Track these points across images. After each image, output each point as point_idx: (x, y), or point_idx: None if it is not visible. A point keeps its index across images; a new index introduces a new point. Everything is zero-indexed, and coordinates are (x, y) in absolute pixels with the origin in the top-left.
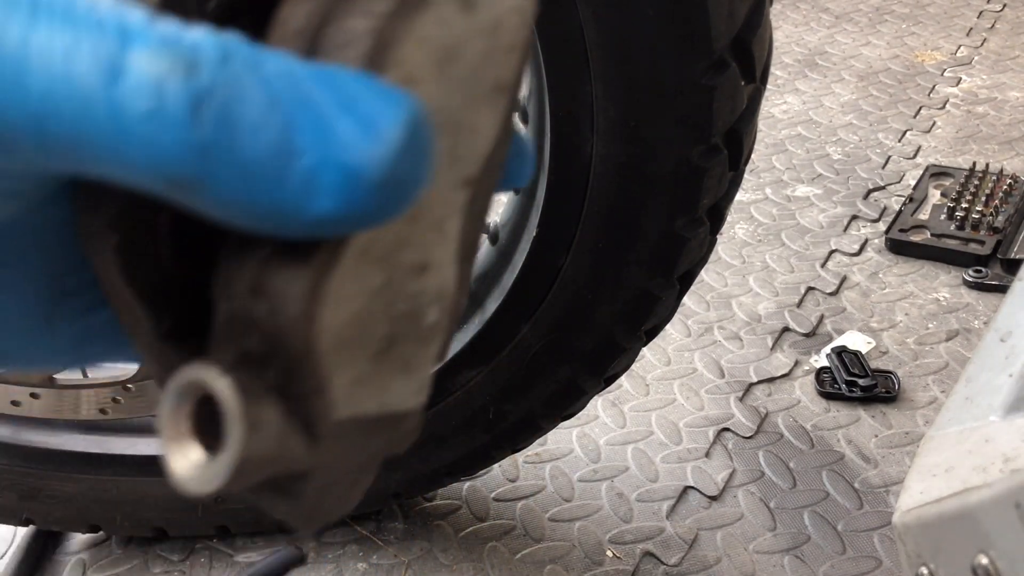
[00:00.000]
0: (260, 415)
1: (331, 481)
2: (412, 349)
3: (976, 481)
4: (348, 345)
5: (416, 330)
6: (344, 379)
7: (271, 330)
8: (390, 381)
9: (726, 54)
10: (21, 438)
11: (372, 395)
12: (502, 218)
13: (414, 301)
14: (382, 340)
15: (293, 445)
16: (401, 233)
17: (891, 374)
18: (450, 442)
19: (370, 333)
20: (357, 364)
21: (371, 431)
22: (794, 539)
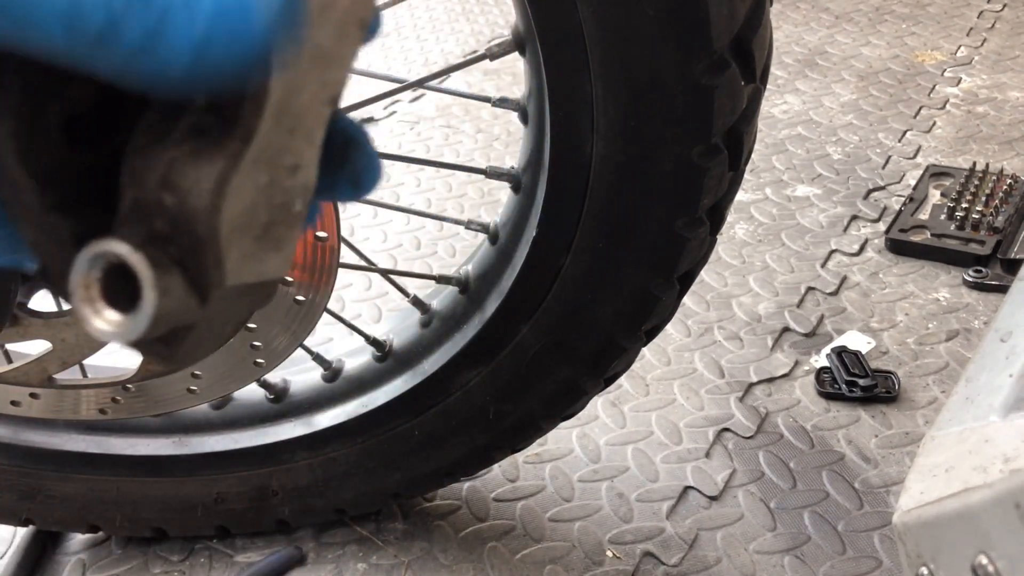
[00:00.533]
0: (168, 283)
1: (207, 333)
2: (283, 231)
3: (976, 481)
4: (239, 229)
5: (287, 216)
6: (234, 256)
7: (179, 217)
8: (266, 256)
9: (726, 54)
10: (21, 438)
11: (253, 268)
12: (502, 218)
13: (288, 194)
14: (263, 225)
15: (190, 306)
16: (284, 142)
17: (891, 374)
18: (450, 442)
19: (255, 220)
20: (244, 244)
21: (246, 295)
22: (794, 539)
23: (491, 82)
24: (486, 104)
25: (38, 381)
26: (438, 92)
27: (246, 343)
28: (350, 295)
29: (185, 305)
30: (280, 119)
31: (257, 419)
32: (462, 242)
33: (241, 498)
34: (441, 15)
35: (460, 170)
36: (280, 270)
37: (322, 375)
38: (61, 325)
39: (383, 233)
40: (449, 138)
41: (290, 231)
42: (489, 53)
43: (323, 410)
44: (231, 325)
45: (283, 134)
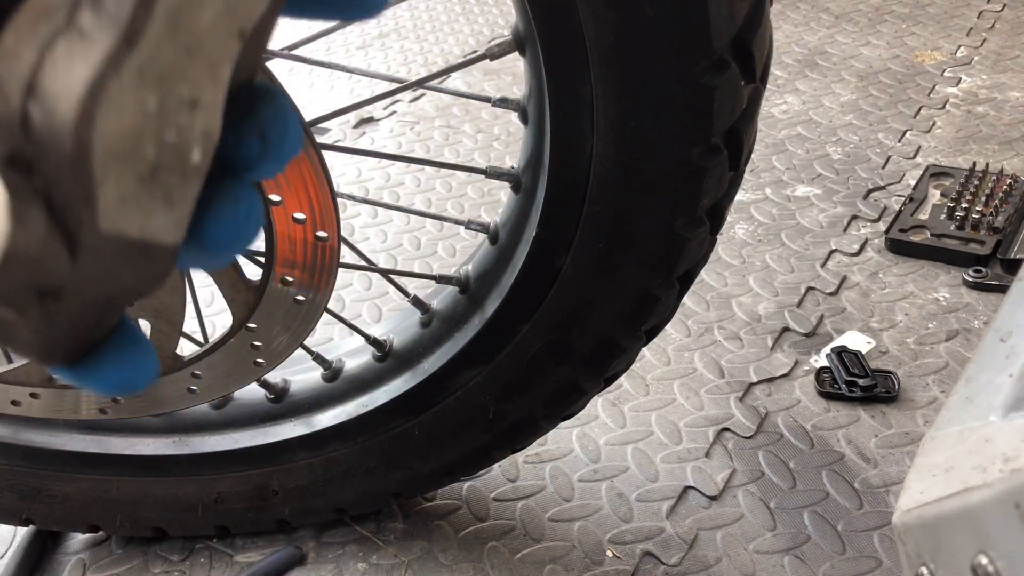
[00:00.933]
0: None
1: (82, 306)
2: (175, 183)
3: (976, 481)
4: (119, 159)
5: (181, 164)
6: (111, 193)
7: (45, 131)
8: (152, 208)
9: (726, 54)
10: (21, 438)
11: (135, 218)
12: (502, 218)
13: (182, 135)
14: (150, 164)
15: (56, 252)
16: (179, 63)
17: (891, 374)
18: (450, 442)
19: (140, 153)
20: (124, 181)
21: (128, 258)
22: (794, 539)
23: (491, 82)
24: (486, 104)
25: (38, 381)
26: (438, 92)
27: (246, 343)
28: (350, 295)
29: (49, 249)
30: (175, 30)
31: (257, 419)
32: (462, 242)
33: (241, 498)
34: (441, 15)
35: (460, 170)
36: (170, 234)
37: (322, 375)
38: None
39: (383, 233)
40: (449, 138)
41: (185, 185)
42: (489, 53)
43: (323, 410)
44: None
45: (179, 52)
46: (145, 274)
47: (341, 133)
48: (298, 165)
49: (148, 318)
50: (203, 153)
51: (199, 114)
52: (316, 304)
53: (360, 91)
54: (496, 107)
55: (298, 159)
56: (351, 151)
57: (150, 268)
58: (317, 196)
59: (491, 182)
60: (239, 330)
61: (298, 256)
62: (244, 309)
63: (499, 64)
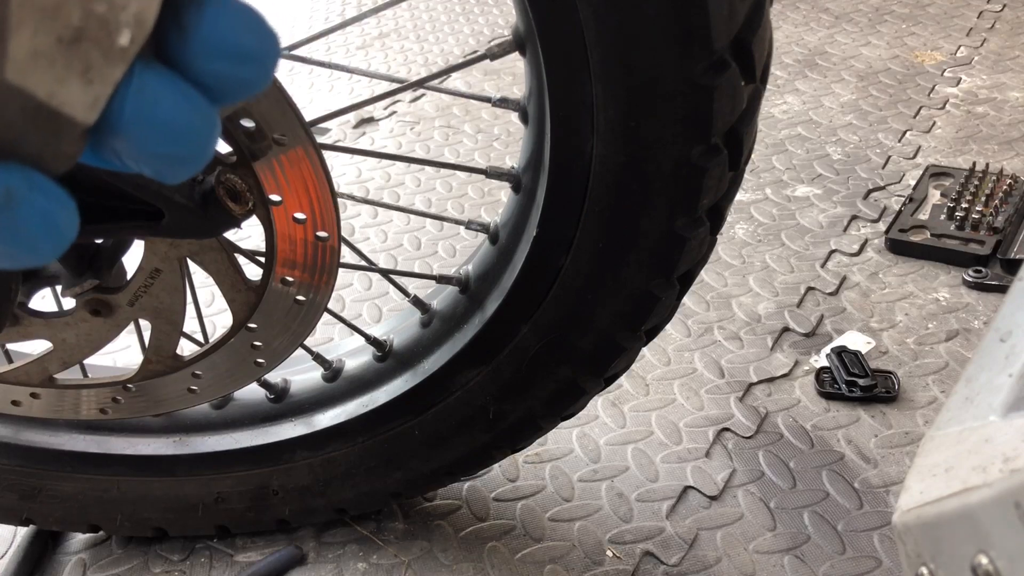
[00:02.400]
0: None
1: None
2: (97, 58)
3: (976, 481)
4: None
5: (106, 41)
6: (24, 42)
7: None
8: (67, 75)
9: (726, 54)
10: (22, 438)
11: (45, 79)
12: (502, 218)
13: (113, 11)
14: (72, 29)
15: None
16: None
17: (891, 374)
18: (450, 442)
19: (63, 13)
20: (41, 37)
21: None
22: (794, 539)
23: (491, 82)
24: (486, 104)
25: (39, 381)
26: (438, 92)
27: (247, 343)
28: (350, 295)
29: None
30: None
31: (257, 419)
32: (462, 242)
33: (241, 498)
34: (441, 15)
35: (460, 170)
36: (81, 111)
37: (322, 375)
38: (62, 325)
39: (383, 233)
40: (449, 138)
41: (107, 65)
42: (489, 53)
43: (323, 410)
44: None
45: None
46: (50, 146)
47: (341, 133)
48: (298, 165)
49: (148, 318)
50: (132, 37)
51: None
52: (316, 304)
53: (360, 91)
54: (496, 107)
55: (298, 159)
56: (351, 151)
57: (56, 142)
58: (317, 196)
59: (491, 182)
60: (239, 330)
61: (298, 256)
62: (244, 309)
63: (499, 64)
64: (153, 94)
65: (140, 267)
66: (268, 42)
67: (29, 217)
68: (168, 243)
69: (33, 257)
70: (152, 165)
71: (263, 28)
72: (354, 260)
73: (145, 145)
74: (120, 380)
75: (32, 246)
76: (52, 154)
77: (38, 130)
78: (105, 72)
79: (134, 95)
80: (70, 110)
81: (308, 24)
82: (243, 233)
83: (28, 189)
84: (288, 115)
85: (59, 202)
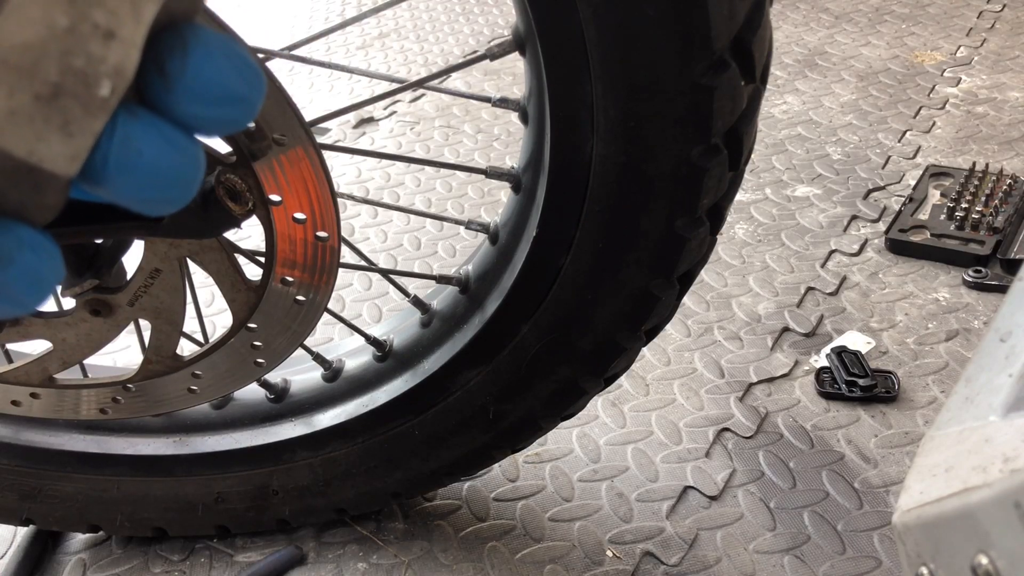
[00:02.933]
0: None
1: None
2: (76, 112)
3: (976, 481)
4: (15, 71)
5: (86, 94)
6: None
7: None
8: (47, 132)
9: (726, 54)
10: (21, 438)
11: (24, 136)
12: (502, 218)
13: (92, 65)
14: (50, 85)
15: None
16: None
17: (891, 374)
18: (450, 442)
19: (41, 71)
20: (18, 96)
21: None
22: (794, 539)
23: (491, 82)
24: (486, 104)
25: (39, 381)
26: (438, 92)
27: (247, 343)
28: (350, 295)
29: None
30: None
31: (257, 419)
32: (462, 242)
33: (241, 498)
34: (441, 15)
35: (460, 170)
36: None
37: (322, 375)
38: (62, 325)
39: (383, 233)
40: (449, 138)
41: (87, 118)
42: (489, 53)
43: (323, 410)
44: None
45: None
46: (31, 201)
47: (341, 133)
48: (298, 165)
49: (148, 318)
50: (113, 88)
51: (114, 47)
52: (316, 304)
53: (360, 91)
54: (496, 107)
55: (298, 159)
56: (351, 151)
57: (37, 196)
58: (317, 196)
59: (491, 182)
60: (239, 330)
61: (298, 256)
62: (244, 309)
63: (499, 64)
64: (137, 144)
65: (140, 267)
66: (253, 82)
67: (18, 277)
68: (168, 243)
69: (16, 311)
70: (136, 206)
71: (248, 68)
72: (354, 260)
73: (130, 192)
74: (120, 380)
75: (19, 302)
76: (35, 206)
77: (19, 186)
78: (85, 124)
79: (118, 145)
80: (51, 165)
81: (308, 24)
82: (243, 233)
83: (17, 248)
84: (288, 115)
85: (46, 255)
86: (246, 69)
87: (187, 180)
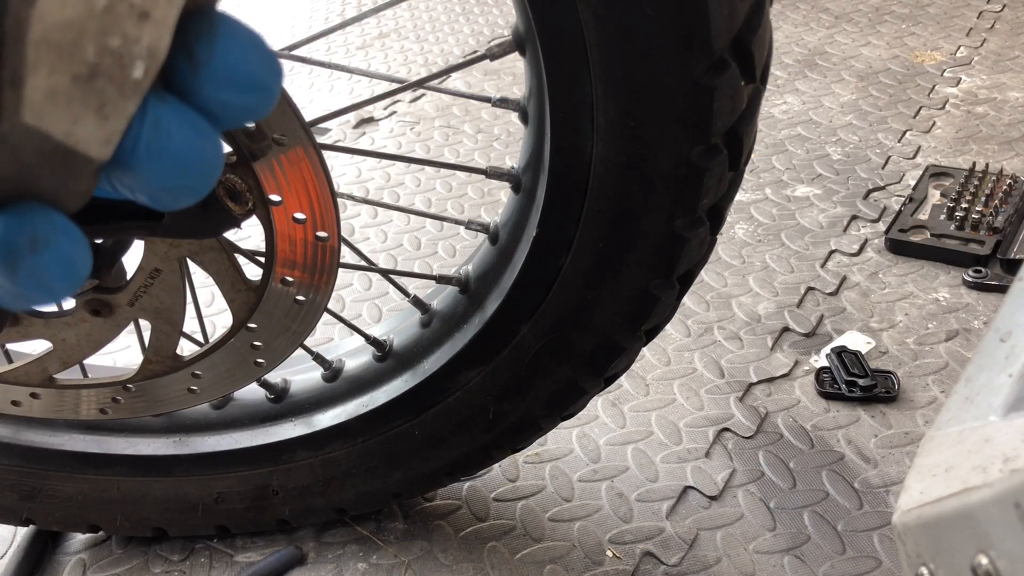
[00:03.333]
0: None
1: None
2: (112, 94)
3: (976, 481)
4: (55, 51)
5: (121, 76)
6: (41, 83)
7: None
8: (83, 113)
9: (726, 54)
10: (21, 438)
11: (62, 118)
12: (502, 218)
13: (127, 45)
14: (88, 66)
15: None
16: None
17: (891, 374)
18: (450, 442)
19: (79, 51)
20: (58, 76)
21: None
22: (794, 539)
23: (491, 82)
24: (486, 104)
25: (39, 381)
26: (438, 92)
27: (246, 343)
28: (350, 295)
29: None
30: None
31: (257, 419)
32: (462, 242)
33: (241, 498)
34: (441, 15)
35: (460, 170)
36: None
37: (322, 375)
38: (62, 325)
39: (383, 233)
40: (449, 138)
41: (122, 100)
42: (489, 53)
43: (323, 410)
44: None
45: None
46: (65, 185)
47: (341, 133)
48: (298, 165)
49: (148, 318)
50: (146, 70)
51: (147, 28)
52: (316, 304)
53: (360, 91)
54: (496, 107)
55: (298, 159)
56: (351, 151)
57: (70, 180)
58: (317, 196)
59: (491, 182)
60: (239, 330)
61: (298, 256)
62: (244, 309)
63: (499, 64)
64: (167, 127)
65: (140, 267)
66: (274, 69)
67: (53, 261)
68: (168, 243)
69: (47, 299)
70: (159, 196)
71: (270, 56)
72: (354, 260)
73: (157, 179)
74: (120, 380)
75: (50, 289)
76: (67, 193)
77: (54, 170)
78: (120, 107)
79: (149, 129)
80: (85, 148)
81: (308, 24)
82: (243, 233)
83: (52, 232)
84: (288, 115)
85: (78, 243)
86: (268, 56)
87: (211, 168)
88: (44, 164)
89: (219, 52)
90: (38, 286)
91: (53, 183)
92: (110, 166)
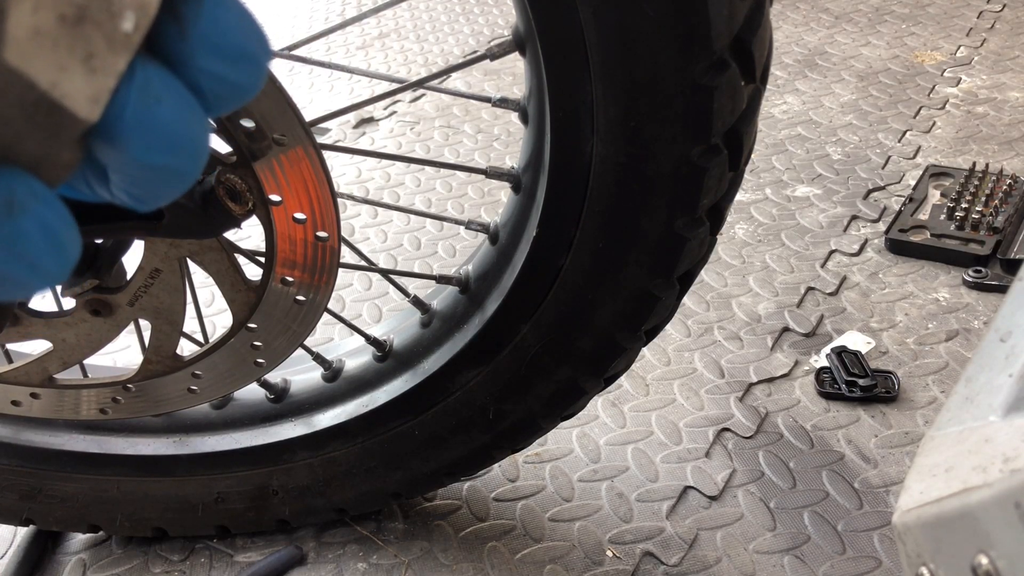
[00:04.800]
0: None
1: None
2: (100, 44)
3: (976, 481)
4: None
5: (110, 25)
6: (25, 18)
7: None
8: (69, 61)
9: (726, 54)
10: (21, 438)
11: (48, 63)
12: (502, 218)
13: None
14: (74, 7)
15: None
16: None
17: (891, 374)
18: (450, 442)
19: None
20: (43, 13)
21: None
22: (794, 539)
23: (491, 82)
24: (486, 104)
25: (39, 381)
26: (438, 92)
27: (247, 343)
28: (350, 295)
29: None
30: None
31: (257, 419)
32: (462, 242)
33: (241, 498)
34: (441, 15)
35: (460, 170)
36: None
37: (322, 375)
38: (62, 325)
39: (383, 233)
40: (449, 138)
41: (110, 54)
42: (489, 53)
43: (323, 410)
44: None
45: None
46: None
47: (341, 133)
48: (298, 165)
49: (148, 318)
50: (136, 24)
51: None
52: (316, 304)
53: (360, 91)
54: (496, 107)
55: (298, 159)
56: (351, 151)
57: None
58: (317, 196)
59: (491, 182)
60: (239, 330)
61: (298, 256)
62: (244, 309)
63: (499, 64)
64: (156, 91)
65: (140, 267)
66: (262, 44)
67: (32, 230)
68: (168, 243)
69: (35, 277)
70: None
71: (257, 29)
72: (354, 260)
73: (143, 153)
74: (120, 380)
75: (34, 264)
76: (50, 161)
77: (37, 128)
78: (108, 61)
79: (137, 92)
80: (72, 103)
81: (308, 24)
82: (243, 233)
83: (30, 197)
84: (288, 115)
85: (62, 217)
86: (255, 28)
87: (198, 149)
88: (27, 119)
89: (206, 15)
90: (19, 259)
91: (35, 145)
92: (94, 138)
